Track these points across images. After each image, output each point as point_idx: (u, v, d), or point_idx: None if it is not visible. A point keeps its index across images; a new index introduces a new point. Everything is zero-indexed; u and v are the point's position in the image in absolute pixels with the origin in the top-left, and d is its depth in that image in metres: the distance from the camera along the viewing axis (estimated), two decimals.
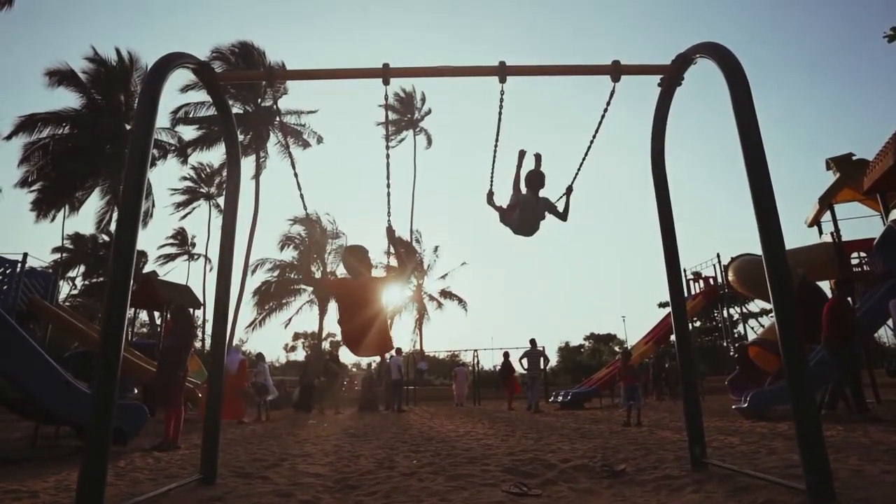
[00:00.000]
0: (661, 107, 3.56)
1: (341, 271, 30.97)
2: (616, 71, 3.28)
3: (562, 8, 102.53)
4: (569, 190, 4.32)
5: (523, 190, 4.34)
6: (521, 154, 4.40)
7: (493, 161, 4.05)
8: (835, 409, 6.26)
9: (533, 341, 12.89)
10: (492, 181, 4.36)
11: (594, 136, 3.76)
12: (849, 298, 6.90)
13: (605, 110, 3.54)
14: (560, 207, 4.34)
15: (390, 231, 3.71)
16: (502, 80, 3.35)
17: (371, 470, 3.69)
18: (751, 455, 3.81)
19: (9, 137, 22.14)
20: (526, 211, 4.21)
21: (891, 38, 5.57)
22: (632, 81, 3.44)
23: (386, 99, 3.68)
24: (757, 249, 2.38)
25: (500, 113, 3.60)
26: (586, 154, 3.95)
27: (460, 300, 32.86)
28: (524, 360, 12.79)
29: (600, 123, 3.64)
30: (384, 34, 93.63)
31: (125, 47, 25.15)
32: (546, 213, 4.31)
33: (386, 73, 3.34)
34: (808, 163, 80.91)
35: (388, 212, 3.67)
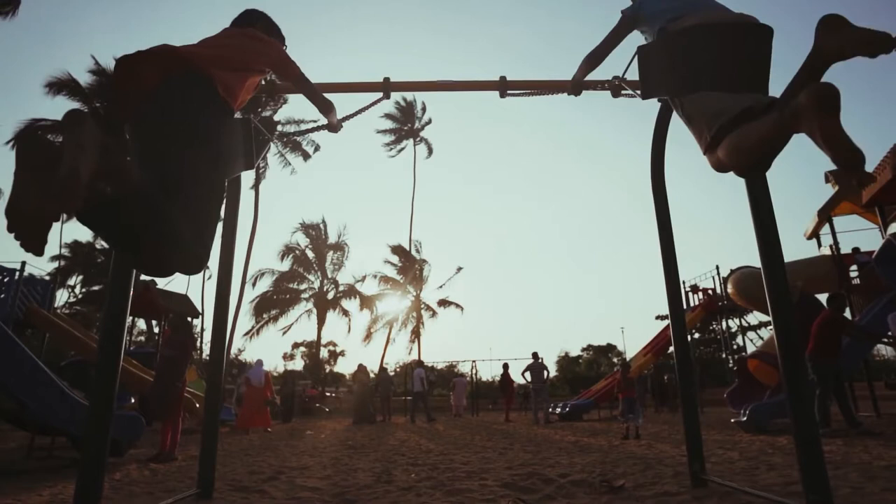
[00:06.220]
0: (661, 120, 3.57)
1: (342, 279, 30.67)
2: (617, 87, 3.30)
3: (562, 22, 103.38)
4: None
5: None
6: None
7: None
8: (828, 426, 6.24)
9: (535, 354, 12.94)
10: None
11: None
12: (845, 313, 6.93)
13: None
14: None
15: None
16: (503, 96, 3.37)
17: (369, 484, 3.66)
18: (750, 471, 3.79)
19: (10, 142, 22.12)
20: None
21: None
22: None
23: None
24: (756, 261, 2.37)
25: None
26: None
27: (457, 305, 32.90)
28: (527, 374, 12.79)
29: None
30: (384, 40, 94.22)
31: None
32: None
33: (387, 88, 3.36)
34: (807, 175, 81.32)
35: None
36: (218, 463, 3.45)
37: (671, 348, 11.76)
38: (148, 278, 13.61)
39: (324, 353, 39.90)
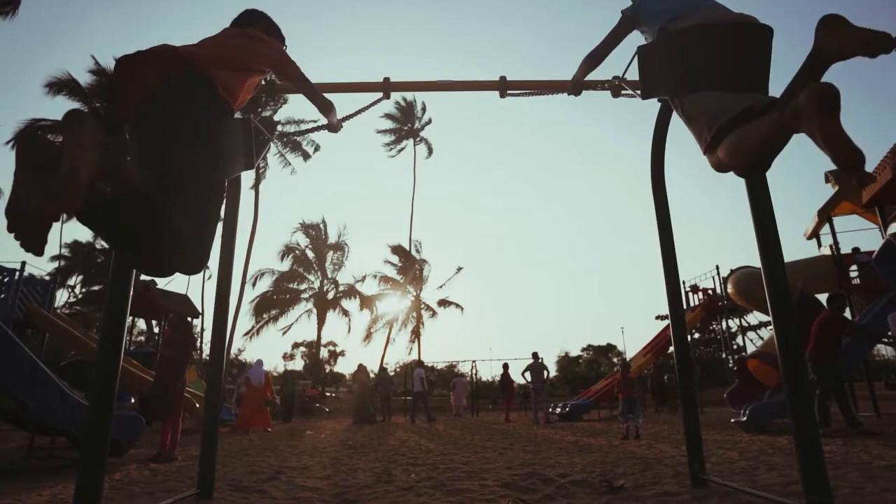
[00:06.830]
0: (661, 120, 3.57)
1: (342, 279, 30.75)
2: (617, 87, 3.30)
3: (562, 22, 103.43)
4: None
5: None
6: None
7: None
8: (828, 426, 6.24)
9: (535, 354, 12.94)
10: None
11: None
12: (845, 313, 6.93)
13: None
14: None
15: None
16: (503, 96, 3.36)
17: (369, 484, 3.66)
18: (750, 471, 3.79)
19: (10, 142, 22.08)
20: None
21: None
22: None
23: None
24: (756, 261, 2.37)
25: None
26: None
27: (457, 305, 32.92)
28: (527, 374, 12.80)
29: None
30: (384, 40, 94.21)
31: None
32: None
33: (387, 88, 3.36)
34: (807, 175, 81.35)
35: None
36: (218, 463, 3.45)
37: (671, 348, 11.78)
38: (148, 278, 13.62)
39: (324, 353, 39.93)
